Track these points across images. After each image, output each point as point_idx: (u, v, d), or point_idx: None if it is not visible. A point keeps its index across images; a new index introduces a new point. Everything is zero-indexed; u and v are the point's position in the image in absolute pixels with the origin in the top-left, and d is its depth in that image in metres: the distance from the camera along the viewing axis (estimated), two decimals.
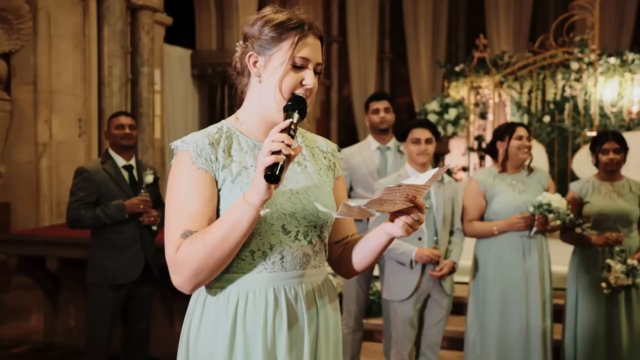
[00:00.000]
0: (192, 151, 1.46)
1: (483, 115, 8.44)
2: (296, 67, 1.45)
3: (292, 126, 1.33)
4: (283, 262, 1.47)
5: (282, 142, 1.28)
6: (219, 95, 7.93)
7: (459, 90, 8.75)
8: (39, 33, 4.90)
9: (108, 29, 5.37)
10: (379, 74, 11.14)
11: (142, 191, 3.53)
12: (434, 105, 8.08)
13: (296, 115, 1.37)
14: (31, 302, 4.96)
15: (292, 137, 1.31)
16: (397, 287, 3.40)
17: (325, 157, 1.63)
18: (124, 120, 3.57)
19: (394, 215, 1.41)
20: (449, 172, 3.58)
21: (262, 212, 1.35)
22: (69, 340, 4.86)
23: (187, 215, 1.42)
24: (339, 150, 1.70)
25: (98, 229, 3.49)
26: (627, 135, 3.78)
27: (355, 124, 10.64)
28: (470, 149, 8.37)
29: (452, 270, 3.40)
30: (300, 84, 1.46)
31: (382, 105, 3.86)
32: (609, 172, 3.55)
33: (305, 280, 1.49)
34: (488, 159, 8.47)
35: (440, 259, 3.36)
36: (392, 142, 3.94)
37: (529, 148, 3.46)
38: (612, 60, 8.14)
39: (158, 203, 3.69)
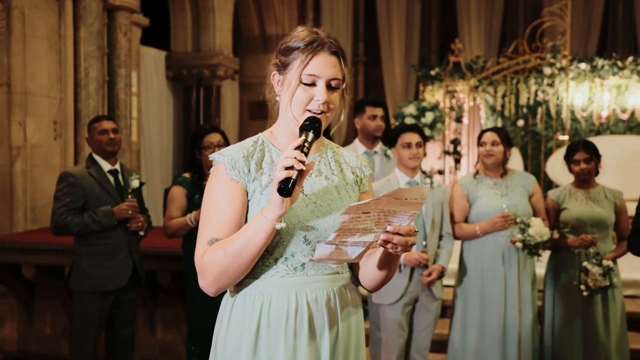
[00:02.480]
0: (227, 163, 1.56)
1: (459, 119, 8.55)
2: (306, 84, 1.53)
3: (306, 144, 1.43)
4: (304, 268, 1.56)
5: (295, 158, 1.37)
6: (194, 97, 7.84)
7: (434, 94, 8.84)
8: (12, 33, 4.76)
9: (84, 30, 5.25)
10: (353, 76, 11.16)
11: (129, 196, 3.46)
12: (411, 109, 8.14)
13: (310, 134, 1.46)
14: (5, 310, 4.82)
15: (306, 153, 1.41)
16: (386, 290, 3.41)
17: (353, 172, 1.70)
18: (107, 125, 3.50)
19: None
20: (429, 176, 3.61)
21: (277, 226, 1.44)
22: (44, 349, 4.74)
23: (215, 223, 1.53)
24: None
25: (84, 235, 3.41)
26: (602, 140, 3.89)
27: (329, 127, 10.64)
28: (446, 152, 8.46)
29: (441, 274, 3.42)
30: (313, 100, 1.53)
31: (379, 112, 3.85)
32: (583, 180, 3.67)
33: (326, 285, 1.58)
34: (463, 162, 8.58)
35: (429, 263, 3.39)
36: (379, 147, 3.94)
37: (491, 154, 3.51)
38: (583, 65, 8.33)
39: (142, 208, 3.64)
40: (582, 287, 3.45)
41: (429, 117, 8.05)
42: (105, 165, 3.51)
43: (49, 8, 5.08)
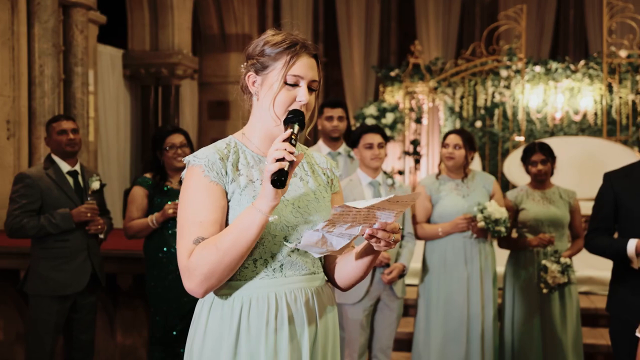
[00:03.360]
0: (204, 165, 1.55)
1: (419, 120, 8.67)
2: (289, 85, 1.56)
3: (293, 136, 1.46)
4: (282, 269, 1.58)
5: (285, 149, 1.39)
6: (152, 97, 7.72)
7: (393, 95, 8.95)
8: None
9: (39, 26, 5.11)
10: None
11: (88, 198, 3.38)
12: (371, 110, 8.22)
13: (296, 127, 1.50)
14: None
15: (294, 145, 1.44)
16: (349, 290, 3.42)
17: (324, 173, 1.74)
18: (67, 125, 3.41)
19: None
20: (390, 176, 3.66)
21: (270, 218, 1.46)
22: None
23: (199, 223, 1.51)
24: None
25: (41, 238, 3.33)
26: (556, 141, 4.01)
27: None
28: (406, 153, 8.57)
29: (402, 273, 3.47)
30: (295, 101, 1.56)
31: (336, 113, 3.85)
32: (539, 181, 3.78)
33: (304, 286, 1.60)
34: (423, 162, 8.70)
35: (390, 262, 3.43)
36: (343, 148, 3.96)
37: (451, 156, 3.57)
38: (538, 68, 8.56)
39: (103, 210, 3.57)
40: (542, 285, 3.55)
41: (389, 117, 8.14)
42: (64, 166, 3.43)
43: (1, 4, 4.93)
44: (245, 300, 1.54)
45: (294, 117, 1.51)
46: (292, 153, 1.40)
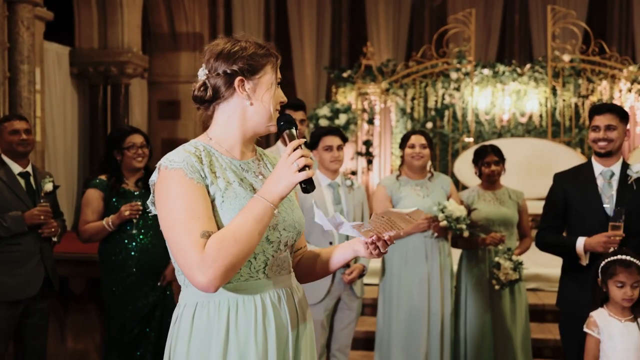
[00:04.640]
0: (185, 168, 1.55)
1: (371, 121, 8.76)
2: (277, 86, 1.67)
3: (301, 142, 1.55)
4: (265, 270, 1.61)
5: (306, 156, 1.48)
6: (100, 96, 7.53)
7: (346, 96, 9.01)
8: None
9: None
10: None
11: (41, 200, 3.29)
12: (324, 110, 8.26)
13: (294, 131, 1.59)
14: None
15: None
16: (309, 291, 3.40)
17: None
18: (19, 125, 3.32)
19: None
20: (349, 178, 3.71)
21: (275, 212, 1.53)
22: None
23: (198, 218, 1.50)
24: None
25: None
26: (504, 142, 4.14)
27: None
28: (359, 154, 8.65)
29: (362, 273, 3.52)
30: (279, 100, 1.67)
31: (298, 117, 3.86)
32: (491, 182, 3.91)
33: (284, 285, 1.65)
34: (375, 163, 8.80)
35: (350, 262, 3.47)
36: None
37: (421, 156, 3.65)
38: (486, 71, 8.78)
39: (57, 212, 3.47)
40: (494, 281, 3.67)
41: (342, 118, 8.20)
42: (16, 168, 3.33)
43: None
44: (232, 302, 1.56)
45: (290, 123, 1.59)
46: (308, 156, 1.48)
